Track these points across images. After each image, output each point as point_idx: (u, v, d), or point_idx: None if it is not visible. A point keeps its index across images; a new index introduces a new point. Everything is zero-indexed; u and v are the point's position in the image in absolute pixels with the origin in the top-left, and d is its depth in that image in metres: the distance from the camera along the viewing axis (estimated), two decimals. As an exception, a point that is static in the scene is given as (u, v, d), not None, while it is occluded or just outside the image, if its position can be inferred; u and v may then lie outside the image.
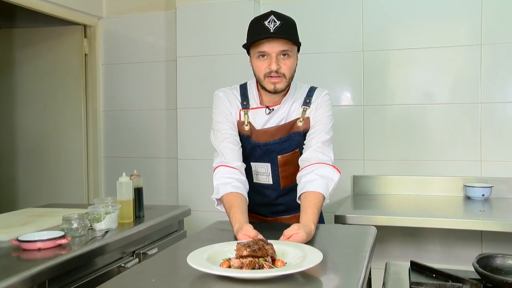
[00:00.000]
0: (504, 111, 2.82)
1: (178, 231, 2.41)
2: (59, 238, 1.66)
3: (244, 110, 1.77)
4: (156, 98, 3.50)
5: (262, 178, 1.81)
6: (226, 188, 1.65)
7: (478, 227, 2.30)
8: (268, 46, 1.62)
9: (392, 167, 2.99)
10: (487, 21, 2.82)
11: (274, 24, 1.60)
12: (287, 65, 1.64)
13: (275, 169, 1.78)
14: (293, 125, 1.75)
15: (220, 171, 1.71)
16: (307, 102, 1.75)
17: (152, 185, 3.34)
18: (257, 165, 1.79)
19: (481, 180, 2.80)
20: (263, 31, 1.61)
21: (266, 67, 1.63)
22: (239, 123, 1.77)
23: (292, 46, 1.66)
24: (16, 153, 3.68)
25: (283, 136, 1.75)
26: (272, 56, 1.62)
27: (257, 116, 1.76)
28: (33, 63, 3.62)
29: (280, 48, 1.62)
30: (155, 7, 3.48)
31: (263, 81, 1.67)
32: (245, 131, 1.76)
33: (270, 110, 1.75)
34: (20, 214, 2.19)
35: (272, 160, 1.77)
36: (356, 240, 1.56)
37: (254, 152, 1.77)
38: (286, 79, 1.65)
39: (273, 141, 1.74)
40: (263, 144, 1.75)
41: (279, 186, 1.80)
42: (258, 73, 1.68)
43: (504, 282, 1.17)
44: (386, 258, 1.85)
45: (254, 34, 1.65)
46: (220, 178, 1.69)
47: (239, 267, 1.15)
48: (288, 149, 1.76)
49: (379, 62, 3.02)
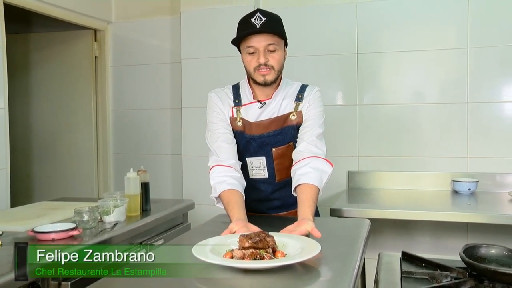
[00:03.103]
0: (489, 110, 2.82)
1: (182, 223, 2.40)
2: (71, 230, 1.66)
3: (237, 107, 1.76)
4: (161, 98, 3.50)
5: (257, 173, 1.77)
6: (222, 186, 1.65)
7: (464, 219, 2.30)
8: (256, 41, 1.63)
9: (385, 163, 2.99)
10: (473, 26, 2.82)
11: (260, 20, 1.62)
12: (275, 58, 1.66)
13: (270, 162, 1.75)
14: (286, 118, 1.73)
15: (215, 170, 1.71)
16: (299, 98, 1.74)
17: (158, 180, 3.34)
18: (252, 160, 1.76)
19: (468, 175, 2.80)
20: (250, 27, 1.63)
21: (256, 61, 1.65)
22: (232, 120, 1.76)
23: (279, 40, 1.66)
24: (31, 149, 3.68)
25: (277, 129, 1.73)
26: (260, 50, 1.64)
27: (249, 111, 1.75)
28: (47, 65, 3.62)
29: (266, 42, 1.63)
30: (161, 12, 3.47)
31: (253, 75, 1.68)
32: (238, 127, 1.74)
33: (262, 104, 1.74)
34: (35, 207, 2.20)
35: (267, 153, 1.74)
36: (351, 232, 1.56)
37: (249, 147, 1.75)
38: (275, 71, 1.67)
39: (267, 133, 1.73)
40: (257, 137, 1.73)
41: (274, 179, 1.77)
42: (248, 67, 1.69)
43: (488, 270, 1.17)
44: (379, 249, 1.85)
45: (242, 31, 1.67)
46: (215, 178, 1.69)
47: (241, 257, 1.14)
48: (282, 141, 1.73)
49: (372, 64, 3.01)
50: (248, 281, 1.09)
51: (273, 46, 1.64)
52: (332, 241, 1.44)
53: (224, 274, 1.11)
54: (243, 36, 1.65)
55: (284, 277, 1.09)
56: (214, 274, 1.12)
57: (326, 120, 1.78)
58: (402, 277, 1.27)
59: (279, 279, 1.09)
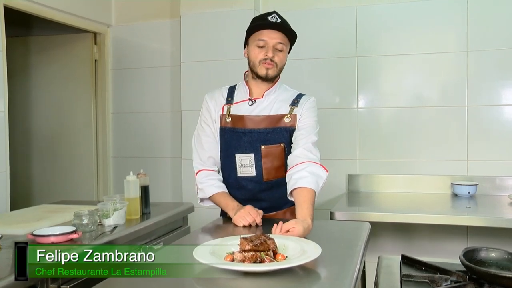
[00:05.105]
0: (488, 113, 2.83)
1: (182, 226, 2.39)
2: (71, 233, 1.66)
3: (228, 105, 1.83)
4: (161, 101, 3.50)
5: (245, 171, 1.80)
6: (211, 189, 1.82)
7: (464, 222, 2.31)
8: (268, 35, 1.72)
9: (384, 166, 2.99)
10: (472, 30, 2.83)
11: (276, 19, 1.73)
12: (279, 57, 1.76)
13: (258, 159, 1.78)
14: (280, 120, 1.78)
15: (201, 175, 1.86)
16: (295, 103, 1.81)
17: (157, 183, 3.34)
18: (241, 157, 1.80)
19: (467, 179, 2.80)
20: (266, 22, 1.73)
21: (264, 54, 1.73)
22: (222, 117, 1.82)
23: (287, 42, 1.77)
24: (31, 152, 3.67)
25: (268, 127, 1.77)
26: (270, 45, 1.73)
27: (241, 108, 1.81)
28: (47, 68, 3.63)
29: (277, 39, 1.73)
30: (161, 16, 3.48)
31: (257, 67, 1.76)
32: (227, 124, 1.80)
33: (252, 102, 1.81)
34: (35, 210, 2.19)
35: (255, 150, 1.78)
36: (351, 235, 1.57)
37: (239, 142, 1.78)
38: (277, 68, 1.76)
39: (258, 129, 1.77)
40: (248, 131, 1.77)
41: (261, 178, 1.79)
42: (254, 59, 1.76)
43: (488, 273, 1.18)
44: (379, 252, 1.84)
45: (256, 24, 1.76)
46: (204, 182, 1.84)
47: (242, 260, 1.15)
48: (272, 140, 1.77)
49: (372, 67, 3.02)
50: (248, 284, 1.09)
51: (282, 45, 1.74)
52: (332, 244, 1.45)
53: (225, 276, 1.11)
54: (258, 27, 1.74)
55: (285, 280, 1.10)
56: (215, 277, 1.12)
57: (326, 122, 1.81)
58: (402, 280, 1.27)
59: (280, 281, 1.09)
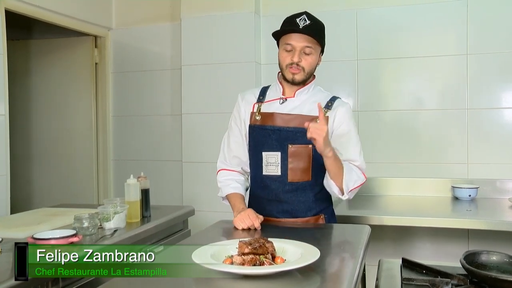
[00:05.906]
0: (488, 116, 2.83)
1: (182, 230, 2.40)
2: (71, 236, 1.66)
3: (258, 103, 1.84)
4: (162, 104, 3.51)
5: (271, 169, 1.80)
6: (227, 189, 1.87)
7: (465, 225, 2.29)
8: (295, 40, 1.71)
9: (384, 169, 2.98)
10: (472, 33, 2.83)
11: (304, 22, 1.70)
12: (307, 60, 1.74)
13: (284, 158, 1.77)
14: (312, 121, 1.72)
15: (221, 174, 1.91)
16: (328, 105, 1.81)
17: (158, 186, 3.33)
18: (268, 155, 1.79)
19: (468, 182, 2.80)
20: (293, 25, 1.71)
21: (290, 58, 1.73)
22: (251, 115, 1.84)
23: (316, 45, 1.74)
24: (32, 156, 3.67)
25: (298, 126, 1.75)
26: (297, 49, 1.72)
27: (271, 107, 1.83)
28: (48, 71, 3.63)
29: (304, 43, 1.71)
30: (162, 19, 3.49)
31: (284, 71, 1.77)
32: (256, 121, 1.82)
33: (283, 101, 1.82)
34: (35, 213, 2.19)
35: (283, 149, 1.77)
36: (351, 238, 1.56)
37: (266, 140, 1.79)
38: (304, 72, 1.76)
39: (287, 128, 1.77)
40: (277, 129, 1.77)
41: (286, 178, 1.78)
42: (282, 63, 1.77)
43: (489, 277, 1.18)
44: (379, 255, 1.84)
45: (285, 28, 1.75)
46: (222, 181, 1.90)
47: (241, 263, 1.15)
48: (301, 140, 1.75)
49: (372, 71, 3.02)
50: (248, 287, 1.09)
51: (310, 49, 1.73)
52: (332, 247, 1.45)
53: (224, 279, 1.12)
54: (284, 32, 1.73)
55: (284, 283, 1.09)
56: (214, 280, 1.12)
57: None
58: (403, 283, 1.27)
59: (279, 285, 1.09)
